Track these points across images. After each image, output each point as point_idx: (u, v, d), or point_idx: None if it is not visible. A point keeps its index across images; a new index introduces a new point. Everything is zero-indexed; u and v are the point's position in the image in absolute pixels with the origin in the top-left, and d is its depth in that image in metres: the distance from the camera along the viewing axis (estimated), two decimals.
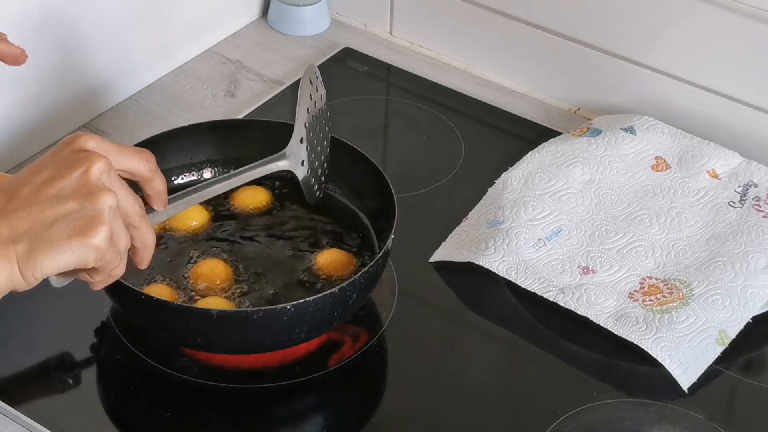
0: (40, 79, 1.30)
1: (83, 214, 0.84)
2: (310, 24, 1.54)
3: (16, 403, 1.06)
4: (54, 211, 0.84)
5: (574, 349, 1.14)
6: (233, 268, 1.13)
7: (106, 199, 0.85)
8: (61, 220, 0.84)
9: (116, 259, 0.88)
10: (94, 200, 0.85)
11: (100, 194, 0.85)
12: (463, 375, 1.11)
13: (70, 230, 0.84)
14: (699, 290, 1.14)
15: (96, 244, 0.84)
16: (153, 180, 0.95)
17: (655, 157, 1.29)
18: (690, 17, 1.31)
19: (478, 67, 1.49)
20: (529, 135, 1.37)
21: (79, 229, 0.84)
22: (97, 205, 0.85)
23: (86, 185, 0.85)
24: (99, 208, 0.85)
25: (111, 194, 0.86)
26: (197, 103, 1.42)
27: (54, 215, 0.84)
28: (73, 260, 0.84)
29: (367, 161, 1.17)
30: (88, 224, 0.84)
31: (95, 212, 0.85)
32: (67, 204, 0.84)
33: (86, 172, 0.86)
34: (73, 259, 0.84)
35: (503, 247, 1.18)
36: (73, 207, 0.84)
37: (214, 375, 1.09)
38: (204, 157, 1.23)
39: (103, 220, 0.85)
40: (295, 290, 1.11)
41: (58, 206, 0.84)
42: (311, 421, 1.09)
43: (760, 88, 1.30)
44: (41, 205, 0.84)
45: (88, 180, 0.86)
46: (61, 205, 0.84)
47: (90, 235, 0.84)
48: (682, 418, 1.08)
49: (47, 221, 0.84)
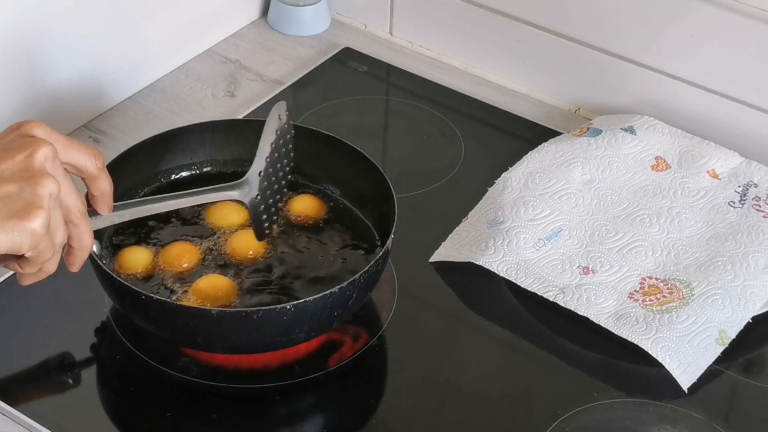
0: (39, 79, 1.30)
1: (22, 197, 0.82)
2: (310, 24, 1.54)
3: (16, 403, 1.06)
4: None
5: (574, 349, 1.14)
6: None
7: (47, 185, 0.83)
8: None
9: (50, 250, 0.85)
10: (35, 184, 0.83)
11: (41, 179, 0.83)
12: (463, 375, 1.11)
13: (7, 212, 0.82)
14: (699, 290, 1.14)
15: (32, 229, 0.82)
16: (99, 179, 0.93)
17: (655, 157, 1.29)
18: (690, 17, 1.31)
19: (478, 67, 1.49)
20: (529, 135, 1.37)
21: (16, 211, 0.82)
22: (38, 189, 0.83)
23: (29, 169, 0.84)
24: (39, 193, 0.83)
25: (53, 181, 0.84)
26: (197, 103, 1.42)
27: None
28: (7, 243, 0.82)
29: (367, 161, 1.17)
30: (25, 207, 0.82)
31: (35, 197, 0.83)
32: (7, 186, 0.83)
33: (30, 156, 0.84)
34: (6, 242, 0.82)
35: (503, 247, 1.19)
36: (12, 189, 0.83)
37: (214, 375, 1.09)
38: (204, 157, 1.23)
39: (42, 205, 0.83)
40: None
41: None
42: (311, 421, 1.09)
43: (760, 88, 1.30)
44: None
45: (32, 164, 0.84)
46: (0, 186, 0.83)
47: (27, 218, 0.82)
48: (682, 418, 1.08)
49: None
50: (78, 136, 1.36)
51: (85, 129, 1.37)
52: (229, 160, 1.23)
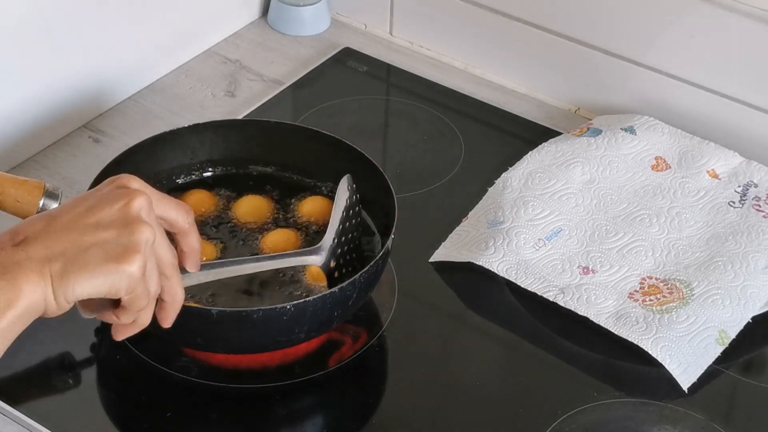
0: (40, 79, 1.30)
1: (120, 242, 0.85)
2: (310, 24, 1.54)
3: (16, 403, 1.06)
4: (92, 237, 0.85)
5: (574, 349, 1.14)
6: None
7: (144, 231, 0.86)
8: (98, 246, 0.85)
9: (145, 297, 0.88)
10: (132, 231, 0.86)
11: (138, 226, 0.86)
12: (463, 375, 1.12)
13: (106, 256, 0.84)
14: (699, 290, 1.14)
15: (129, 272, 0.85)
16: (189, 234, 0.95)
17: (655, 157, 1.29)
18: (690, 17, 1.31)
19: (478, 67, 1.49)
20: (529, 135, 1.37)
21: (115, 255, 0.85)
22: (135, 236, 0.86)
23: (126, 217, 0.86)
24: (136, 238, 0.86)
25: (149, 228, 0.87)
26: (197, 103, 1.42)
27: (92, 240, 0.85)
28: (106, 285, 0.85)
29: (367, 161, 1.17)
30: (123, 252, 0.85)
31: (132, 242, 0.85)
32: (106, 232, 0.85)
33: (127, 204, 0.87)
34: (105, 284, 0.84)
35: (503, 247, 1.19)
36: (111, 235, 0.85)
37: (214, 375, 1.09)
38: (204, 157, 1.23)
39: (138, 249, 0.85)
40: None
41: (97, 233, 0.85)
42: (311, 421, 1.09)
43: (760, 88, 1.30)
44: (80, 230, 0.85)
45: (129, 212, 0.87)
46: (99, 232, 0.85)
47: (125, 261, 0.85)
48: (682, 418, 1.08)
49: (84, 245, 0.84)
50: (78, 136, 1.36)
51: (85, 129, 1.37)
52: (229, 160, 1.23)
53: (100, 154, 1.32)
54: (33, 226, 0.85)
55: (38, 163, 1.32)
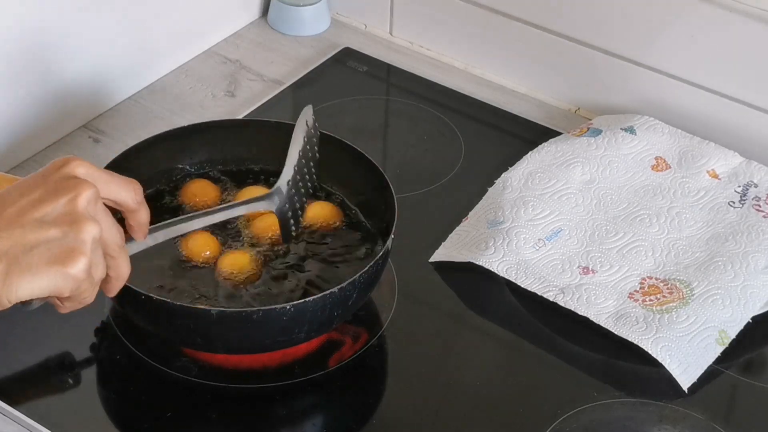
0: (40, 79, 1.30)
1: (65, 242, 0.84)
2: (310, 24, 1.54)
3: (16, 403, 1.06)
4: (36, 236, 0.84)
5: (574, 349, 1.14)
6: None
7: (90, 230, 0.85)
8: (42, 246, 0.83)
9: (90, 289, 0.87)
10: (78, 230, 0.84)
11: (84, 224, 0.85)
12: (463, 375, 1.12)
13: (50, 257, 0.83)
14: (699, 290, 1.14)
15: (74, 274, 0.84)
16: (138, 212, 0.94)
17: (655, 157, 1.29)
18: (690, 17, 1.31)
19: (478, 67, 1.49)
20: (529, 135, 1.37)
21: (59, 257, 0.83)
22: (81, 235, 0.84)
23: (72, 213, 0.85)
24: (82, 238, 0.84)
25: (95, 225, 0.85)
26: (197, 103, 1.42)
27: (36, 239, 0.83)
28: (49, 287, 0.84)
29: (367, 161, 1.17)
30: (68, 253, 0.84)
31: (77, 242, 0.84)
32: (51, 230, 0.84)
33: (74, 199, 0.85)
34: (48, 286, 0.84)
35: (503, 247, 1.19)
36: (55, 234, 0.84)
37: (214, 375, 1.09)
38: (204, 157, 1.23)
39: (84, 251, 0.84)
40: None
41: (41, 231, 0.84)
42: (311, 421, 1.09)
43: (760, 88, 1.30)
44: (24, 228, 0.84)
45: (75, 208, 0.85)
46: (44, 230, 0.84)
47: (69, 264, 0.84)
48: (682, 418, 1.08)
49: (28, 244, 0.83)
50: (78, 136, 1.36)
51: (85, 129, 1.37)
52: (229, 160, 1.23)
53: (100, 154, 1.32)
54: None
55: (38, 163, 1.32)
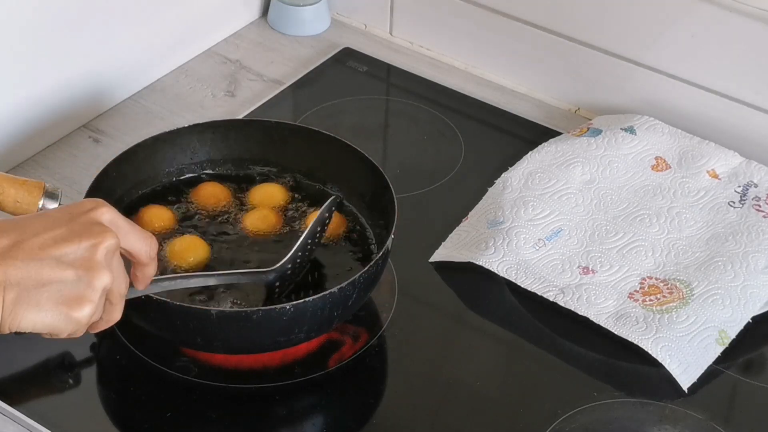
0: (40, 79, 1.30)
1: (77, 287, 0.85)
2: (310, 24, 1.54)
3: (16, 403, 1.06)
4: (51, 274, 0.85)
5: (574, 349, 1.14)
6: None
7: (103, 279, 0.86)
8: (55, 285, 0.85)
9: (84, 329, 0.88)
10: (92, 278, 0.86)
11: (100, 273, 0.86)
12: (463, 375, 1.11)
13: (59, 298, 0.84)
14: (699, 290, 1.14)
15: (77, 319, 0.85)
16: (148, 267, 0.95)
17: (655, 157, 1.29)
18: (690, 17, 1.31)
19: (478, 67, 1.49)
20: (529, 135, 1.37)
21: (68, 300, 0.85)
22: (94, 283, 0.86)
23: (90, 259, 0.86)
24: (94, 286, 0.86)
25: (109, 275, 0.87)
26: (197, 103, 1.42)
27: (50, 277, 0.85)
28: (51, 326, 0.85)
29: (367, 161, 1.17)
30: (78, 299, 0.85)
31: (89, 290, 0.85)
32: (66, 271, 0.85)
33: (95, 246, 0.86)
34: (51, 324, 0.85)
35: (503, 247, 1.19)
36: (70, 276, 0.85)
37: (214, 375, 1.09)
38: (204, 157, 1.23)
39: (93, 299, 0.85)
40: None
41: (57, 270, 0.85)
42: (311, 421, 1.09)
43: (760, 88, 1.30)
44: (42, 262, 0.85)
45: (94, 255, 0.86)
46: (60, 269, 0.85)
47: (76, 309, 0.85)
48: (682, 418, 1.08)
49: (41, 280, 0.84)
50: (78, 136, 1.36)
51: (85, 129, 1.37)
52: (229, 160, 1.23)
53: (100, 154, 1.32)
54: (1, 238, 0.85)
55: (38, 163, 1.32)
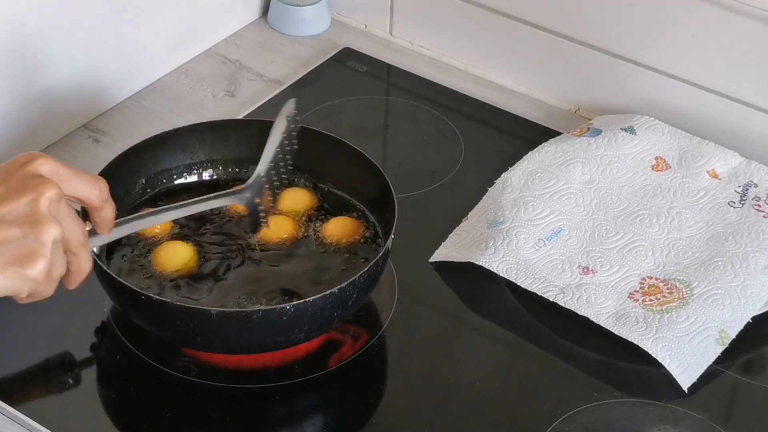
0: (40, 79, 1.30)
1: (25, 243, 0.83)
2: (310, 24, 1.54)
3: (16, 403, 1.06)
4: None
5: (574, 349, 1.14)
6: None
7: (50, 231, 0.84)
8: (2, 246, 0.83)
9: (50, 288, 0.87)
10: (39, 231, 0.84)
11: (45, 226, 0.84)
12: (463, 375, 1.11)
13: (9, 258, 0.83)
14: (699, 290, 1.14)
15: (32, 276, 0.84)
16: (102, 209, 0.93)
17: (655, 157, 1.29)
18: (690, 17, 1.31)
19: (478, 67, 1.49)
20: (529, 135, 1.37)
21: (18, 258, 0.83)
22: (41, 237, 0.84)
23: (33, 214, 0.84)
24: (42, 240, 0.84)
25: (56, 227, 0.85)
26: (197, 103, 1.42)
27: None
28: (6, 288, 0.83)
29: (367, 161, 1.17)
30: (27, 255, 0.83)
31: (37, 244, 0.83)
32: (11, 230, 0.83)
33: (36, 200, 0.84)
34: (6, 286, 0.83)
35: (503, 247, 1.19)
36: (16, 234, 0.83)
37: (214, 375, 1.09)
38: (204, 157, 1.23)
39: (43, 253, 0.84)
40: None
41: (1, 230, 0.83)
42: (311, 421, 1.09)
43: (760, 88, 1.30)
44: None
45: (36, 209, 0.84)
46: (4, 229, 0.83)
47: (28, 266, 0.83)
48: (682, 418, 1.08)
49: None
50: (78, 136, 1.36)
51: (85, 129, 1.37)
52: (229, 160, 1.23)
53: (100, 154, 1.32)
54: None
55: None
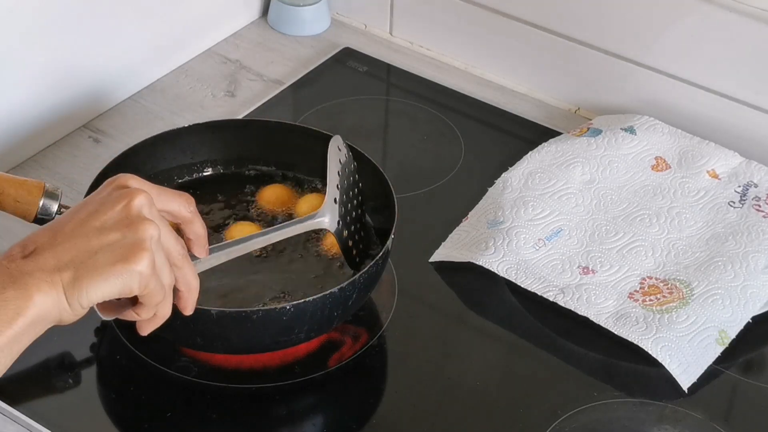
0: (40, 79, 1.30)
1: (126, 242, 0.86)
2: (310, 24, 1.54)
3: (16, 403, 1.06)
4: (98, 241, 0.86)
5: (574, 349, 1.14)
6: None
7: (147, 228, 0.87)
8: (106, 249, 0.86)
9: (160, 291, 0.89)
10: (136, 229, 0.87)
11: (142, 224, 0.87)
12: (463, 375, 1.12)
13: (114, 257, 0.86)
14: (699, 290, 1.14)
15: (139, 270, 0.86)
16: (193, 222, 0.96)
17: (655, 157, 1.29)
18: (690, 17, 1.31)
19: (478, 67, 1.49)
20: (529, 135, 1.37)
21: (123, 256, 0.86)
22: (139, 234, 0.87)
23: (128, 216, 0.88)
24: (141, 236, 0.87)
25: (153, 225, 0.88)
26: (197, 103, 1.42)
27: (98, 245, 0.86)
28: (117, 287, 0.86)
29: (367, 161, 1.17)
30: (130, 251, 0.86)
31: (137, 240, 0.87)
32: (111, 234, 0.87)
33: (128, 205, 0.88)
34: (117, 285, 0.86)
35: (503, 247, 1.19)
36: (116, 237, 0.87)
37: (214, 375, 1.09)
38: (204, 157, 1.23)
39: (145, 247, 0.86)
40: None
41: (102, 237, 0.86)
42: (311, 421, 1.09)
43: (760, 88, 1.30)
44: (86, 236, 0.86)
45: (130, 212, 0.88)
46: (104, 235, 0.86)
47: (133, 260, 0.86)
48: (682, 418, 1.08)
49: (91, 250, 0.86)
50: (78, 136, 1.36)
51: (85, 129, 1.37)
52: (229, 160, 1.23)
53: (100, 154, 1.32)
54: (41, 238, 0.87)
55: (38, 163, 1.32)
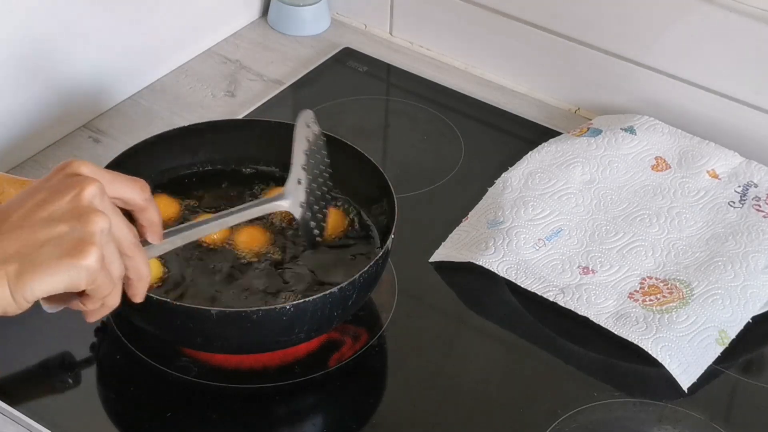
0: (40, 79, 1.30)
1: (74, 235, 0.84)
2: (310, 24, 1.54)
3: (16, 403, 1.06)
4: (45, 233, 0.84)
5: (574, 349, 1.14)
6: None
7: (97, 221, 0.84)
8: (52, 242, 0.83)
9: (108, 285, 0.87)
10: (85, 222, 0.84)
11: (91, 216, 0.84)
12: (463, 375, 1.12)
13: (61, 252, 0.83)
14: (699, 290, 1.14)
15: (86, 266, 0.84)
16: (147, 210, 0.94)
17: (655, 157, 1.29)
18: (690, 17, 1.31)
19: (478, 67, 1.49)
20: (529, 135, 1.37)
21: (69, 250, 0.83)
22: (88, 227, 0.84)
23: (78, 208, 0.85)
24: (90, 230, 0.84)
25: (103, 217, 0.85)
26: (197, 103, 1.42)
27: (45, 237, 0.83)
28: (63, 282, 0.84)
29: (367, 161, 1.17)
30: (78, 245, 0.83)
31: (86, 234, 0.84)
32: (58, 226, 0.84)
33: (78, 195, 0.85)
34: (63, 280, 0.83)
35: (503, 247, 1.19)
36: (63, 229, 0.84)
37: (214, 375, 1.09)
38: (204, 157, 1.23)
39: (93, 241, 0.84)
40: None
41: (49, 228, 0.84)
42: (311, 421, 1.09)
43: (760, 88, 1.30)
44: (32, 227, 0.84)
45: (80, 203, 0.85)
46: (51, 227, 0.84)
47: (80, 256, 0.83)
48: (682, 418, 1.08)
49: (38, 243, 0.83)
50: (78, 136, 1.36)
51: (85, 129, 1.37)
52: (229, 160, 1.23)
53: (100, 154, 1.32)
54: None
55: (38, 163, 1.32)
